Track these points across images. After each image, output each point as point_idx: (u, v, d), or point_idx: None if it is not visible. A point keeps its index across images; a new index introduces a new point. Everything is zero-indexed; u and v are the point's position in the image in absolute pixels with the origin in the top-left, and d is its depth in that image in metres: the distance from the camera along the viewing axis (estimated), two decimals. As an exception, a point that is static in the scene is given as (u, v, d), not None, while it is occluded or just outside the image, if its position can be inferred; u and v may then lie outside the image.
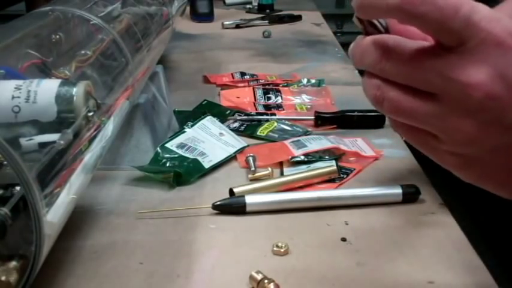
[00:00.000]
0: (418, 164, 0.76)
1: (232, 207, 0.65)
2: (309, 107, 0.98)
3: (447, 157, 0.43)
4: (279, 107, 0.98)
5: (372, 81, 0.43)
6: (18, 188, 0.44)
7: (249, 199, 0.65)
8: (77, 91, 0.53)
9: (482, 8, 0.39)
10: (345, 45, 1.63)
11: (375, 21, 0.43)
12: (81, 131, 0.53)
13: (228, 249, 0.59)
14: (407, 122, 0.43)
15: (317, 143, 0.80)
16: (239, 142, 0.82)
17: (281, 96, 1.01)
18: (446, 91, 0.40)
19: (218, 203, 0.65)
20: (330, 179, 0.72)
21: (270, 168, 0.74)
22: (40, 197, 0.42)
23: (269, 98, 1.01)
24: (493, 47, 0.39)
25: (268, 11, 1.84)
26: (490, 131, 0.41)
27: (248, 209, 0.65)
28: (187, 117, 0.87)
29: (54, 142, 0.49)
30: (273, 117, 0.93)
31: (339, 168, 0.73)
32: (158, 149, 0.76)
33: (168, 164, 0.74)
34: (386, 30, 0.43)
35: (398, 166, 0.76)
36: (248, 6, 1.91)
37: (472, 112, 0.40)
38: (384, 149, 0.80)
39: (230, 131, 0.85)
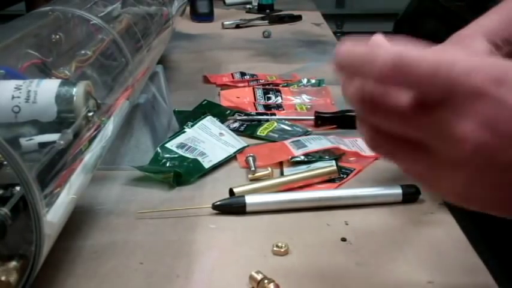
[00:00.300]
0: (418, 164, 0.76)
1: (232, 207, 0.65)
2: (309, 107, 0.98)
3: (446, 195, 0.45)
4: (279, 107, 0.98)
5: (365, 131, 0.45)
6: (18, 188, 0.44)
7: (249, 199, 0.65)
8: (77, 91, 0.53)
9: (461, 59, 0.40)
10: (345, 45, 1.60)
11: None
12: (81, 131, 0.53)
13: (228, 249, 0.59)
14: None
15: (317, 143, 0.79)
16: (239, 142, 0.82)
17: (281, 96, 1.01)
18: (436, 145, 0.41)
19: (218, 203, 0.65)
20: (330, 179, 0.72)
21: (270, 168, 0.74)
22: (40, 197, 0.42)
23: (269, 98, 1.01)
24: (476, 100, 0.40)
25: (268, 11, 1.84)
26: (485, 175, 0.41)
27: (248, 209, 0.65)
28: (187, 117, 0.87)
29: (54, 142, 0.49)
30: (273, 117, 0.93)
31: (339, 168, 0.73)
32: (158, 149, 0.76)
33: (168, 164, 0.74)
34: None
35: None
36: (248, 6, 1.91)
37: (464, 163, 0.41)
38: (383, 149, 0.80)
39: (230, 131, 0.85)
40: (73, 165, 0.51)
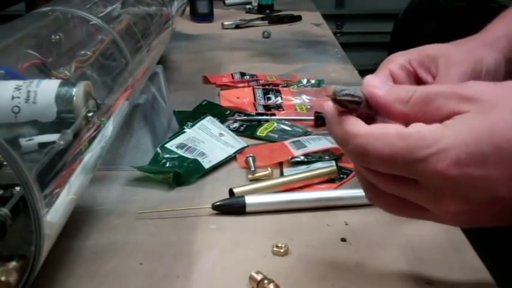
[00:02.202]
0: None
1: (232, 207, 0.65)
2: (308, 107, 0.98)
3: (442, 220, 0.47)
4: (278, 107, 0.98)
5: (362, 185, 0.49)
6: (18, 188, 0.44)
7: (249, 199, 0.65)
8: (77, 91, 0.53)
9: (419, 144, 0.41)
10: (345, 46, 1.62)
11: (352, 98, 0.44)
12: (81, 131, 0.53)
13: (228, 249, 0.59)
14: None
15: (317, 143, 0.79)
16: (239, 142, 0.82)
17: (281, 97, 1.01)
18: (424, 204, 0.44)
19: (218, 203, 0.65)
20: (329, 179, 0.72)
21: (269, 169, 0.74)
22: (40, 197, 0.42)
23: (269, 99, 1.01)
24: (442, 182, 0.42)
25: (268, 11, 1.84)
26: (478, 217, 0.44)
27: (248, 209, 0.65)
28: (187, 118, 0.87)
29: (54, 142, 0.49)
30: (273, 117, 0.93)
31: (339, 168, 0.73)
32: (158, 149, 0.76)
33: (167, 164, 0.74)
34: (364, 102, 0.45)
35: (398, 166, 0.76)
36: (248, 6, 1.91)
37: (456, 217, 0.44)
38: (383, 149, 0.80)
39: (230, 132, 0.85)
40: (73, 166, 0.51)
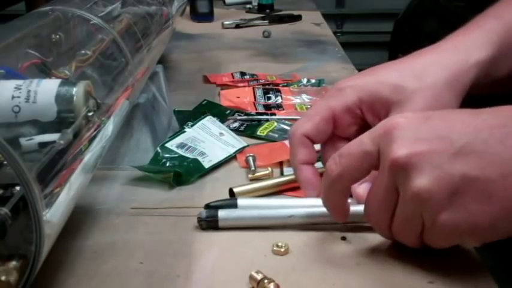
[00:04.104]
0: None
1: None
2: (309, 106, 0.98)
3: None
4: (279, 106, 0.98)
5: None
6: (18, 188, 0.44)
7: (241, 202, 0.64)
8: (77, 91, 0.53)
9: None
10: (345, 45, 1.62)
11: None
12: (81, 131, 0.53)
13: (228, 248, 0.59)
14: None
15: (317, 143, 0.79)
16: (239, 142, 0.82)
17: (281, 96, 1.02)
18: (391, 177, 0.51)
19: (212, 204, 0.64)
20: (330, 179, 0.72)
21: (270, 168, 0.74)
22: (40, 197, 0.42)
23: (269, 98, 1.01)
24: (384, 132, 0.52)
25: (268, 10, 1.84)
26: (440, 182, 0.49)
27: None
28: (187, 117, 0.87)
29: (54, 142, 0.49)
30: (273, 117, 0.93)
31: (339, 168, 0.73)
32: (158, 148, 0.76)
33: (168, 164, 0.74)
34: None
35: (398, 166, 0.76)
36: (248, 6, 1.92)
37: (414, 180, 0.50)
38: (383, 149, 0.80)
39: (230, 131, 0.85)
40: (73, 165, 0.52)
